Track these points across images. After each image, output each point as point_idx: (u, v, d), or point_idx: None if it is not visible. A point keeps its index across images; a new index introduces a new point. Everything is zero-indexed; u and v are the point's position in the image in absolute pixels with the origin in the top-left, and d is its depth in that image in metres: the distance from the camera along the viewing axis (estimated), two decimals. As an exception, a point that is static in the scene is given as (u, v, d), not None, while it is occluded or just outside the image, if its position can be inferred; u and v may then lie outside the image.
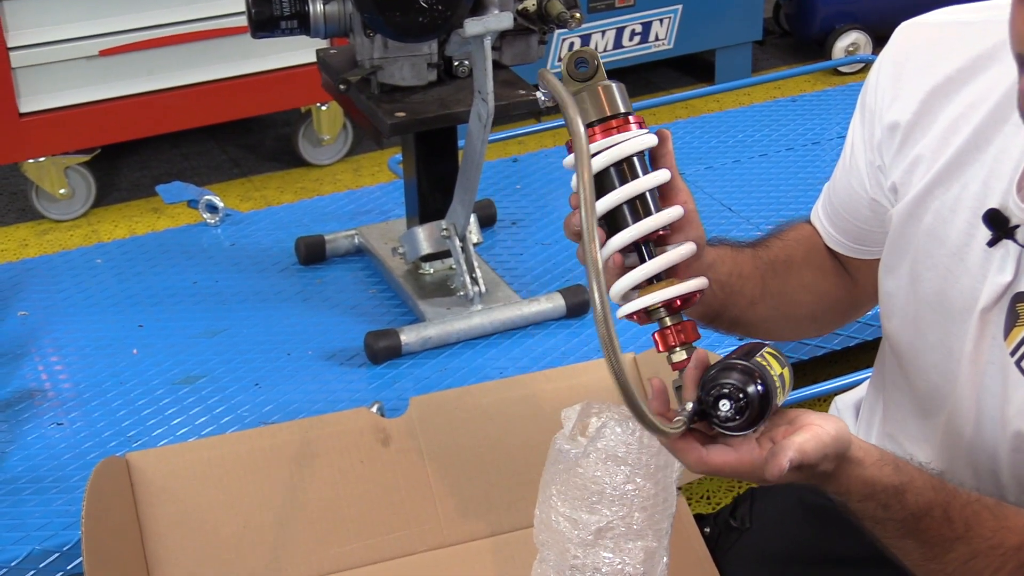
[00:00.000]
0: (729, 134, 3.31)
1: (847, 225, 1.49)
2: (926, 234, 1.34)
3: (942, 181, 1.32)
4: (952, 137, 1.30)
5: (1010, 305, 1.27)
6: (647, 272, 1.21)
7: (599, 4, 4.09)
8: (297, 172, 3.96)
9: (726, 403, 1.14)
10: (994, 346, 1.29)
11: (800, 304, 1.49)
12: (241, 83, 3.67)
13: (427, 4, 2.11)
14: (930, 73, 1.33)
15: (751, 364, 1.15)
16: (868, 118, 1.40)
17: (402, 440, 1.72)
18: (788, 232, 1.54)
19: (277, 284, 2.64)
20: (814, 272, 1.51)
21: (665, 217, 1.22)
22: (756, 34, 4.43)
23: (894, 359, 1.47)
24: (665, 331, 1.21)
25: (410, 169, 2.52)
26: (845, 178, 1.46)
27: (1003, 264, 1.26)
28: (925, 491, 1.21)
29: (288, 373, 2.35)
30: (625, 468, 1.35)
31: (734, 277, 1.41)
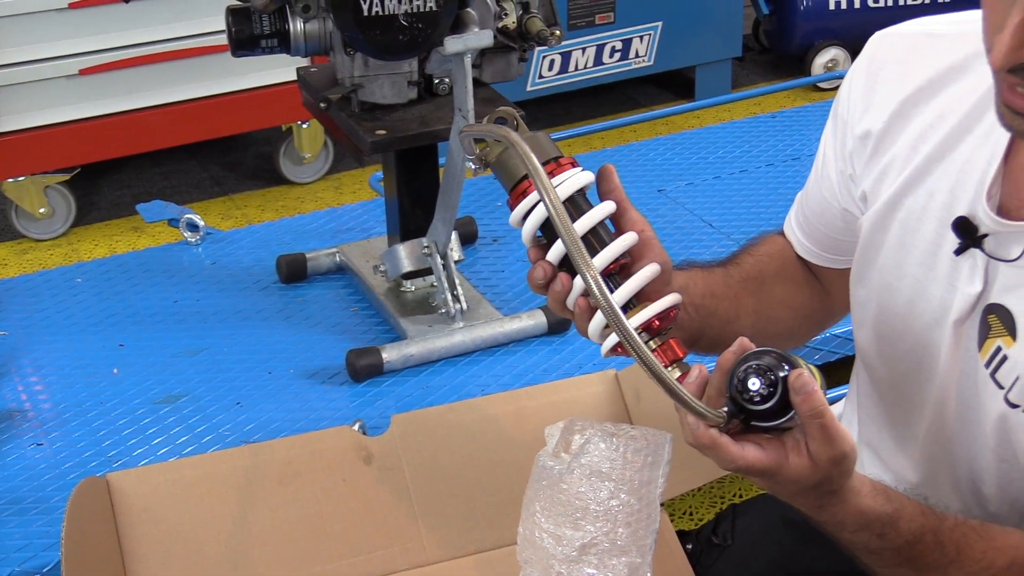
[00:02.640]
0: (709, 150, 3.32)
1: (819, 235, 1.49)
2: (894, 242, 1.35)
3: (909, 189, 1.33)
4: (921, 146, 1.32)
5: (982, 316, 1.28)
6: (617, 300, 1.20)
7: (579, 21, 4.10)
8: (278, 190, 3.96)
9: (756, 381, 1.13)
10: (968, 358, 1.30)
11: (776, 319, 1.49)
12: (221, 101, 3.67)
13: (407, 22, 2.11)
14: (902, 83, 1.34)
15: (775, 350, 1.15)
16: (840, 128, 1.41)
17: (384, 458, 1.72)
18: (758, 247, 1.54)
19: (258, 303, 2.63)
20: (787, 285, 1.52)
21: (620, 245, 1.21)
22: (736, 51, 4.45)
23: (865, 372, 1.48)
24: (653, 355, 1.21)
25: (391, 187, 2.52)
26: (817, 188, 1.47)
27: (972, 275, 1.27)
28: (916, 517, 1.21)
29: (269, 392, 2.34)
30: (609, 484, 1.34)
31: (707, 298, 1.42)
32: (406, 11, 2.11)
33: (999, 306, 1.26)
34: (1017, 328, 1.25)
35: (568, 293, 1.22)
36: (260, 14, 2.23)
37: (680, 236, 2.87)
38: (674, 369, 1.20)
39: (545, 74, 4.11)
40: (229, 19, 2.24)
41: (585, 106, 4.36)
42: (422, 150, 2.42)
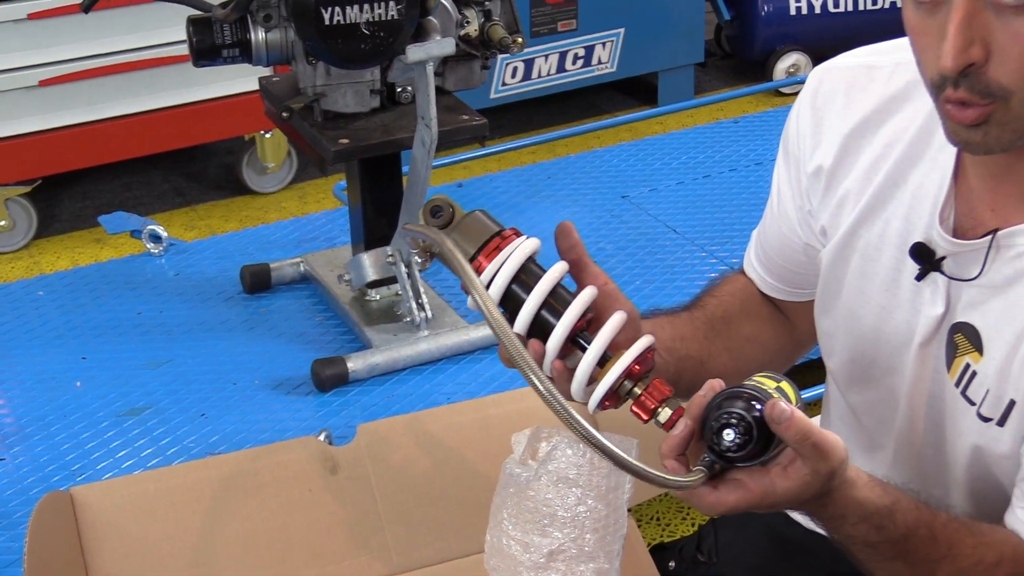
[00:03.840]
0: (673, 156, 3.33)
1: (781, 271, 1.50)
2: (856, 272, 1.37)
3: (866, 220, 1.34)
4: (873, 176, 1.33)
5: (948, 337, 1.29)
6: (591, 359, 1.20)
7: (542, 28, 4.11)
8: (242, 200, 3.94)
9: (730, 432, 1.13)
10: (937, 379, 1.32)
11: (747, 357, 1.50)
12: (184, 112, 3.65)
13: (369, 31, 2.11)
14: (847, 116, 1.36)
15: (745, 389, 1.15)
16: (793, 164, 1.42)
17: (350, 468, 1.71)
18: (720, 287, 1.55)
19: (222, 313, 2.62)
20: (753, 322, 1.52)
21: (581, 302, 1.21)
22: (698, 56, 4.46)
23: (839, 396, 1.49)
24: (639, 400, 1.20)
25: (355, 196, 2.52)
26: (775, 225, 1.48)
27: (934, 297, 1.29)
28: (911, 510, 1.22)
29: (234, 403, 2.33)
30: (576, 490, 1.34)
31: (677, 341, 1.42)
32: (368, 20, 2.11)
33: (964, 324, 1.28)
34: (983, 343, 1.26)
35: (541, 359, 1.22)
36: (221, 24, 2.22)
37: (644, 242, 2.88)
38: (664, 408, 1.20)
39: (508, 81, 4.12)
40: (190, 29, 2.23)
41: (548, 113, 4.36)
42: (385, 159, 2.42)
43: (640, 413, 1.20)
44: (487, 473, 1.46)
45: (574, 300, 1.21)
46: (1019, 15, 1.07)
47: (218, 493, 1.66)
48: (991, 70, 1.10)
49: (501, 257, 1.21)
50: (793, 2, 4.51)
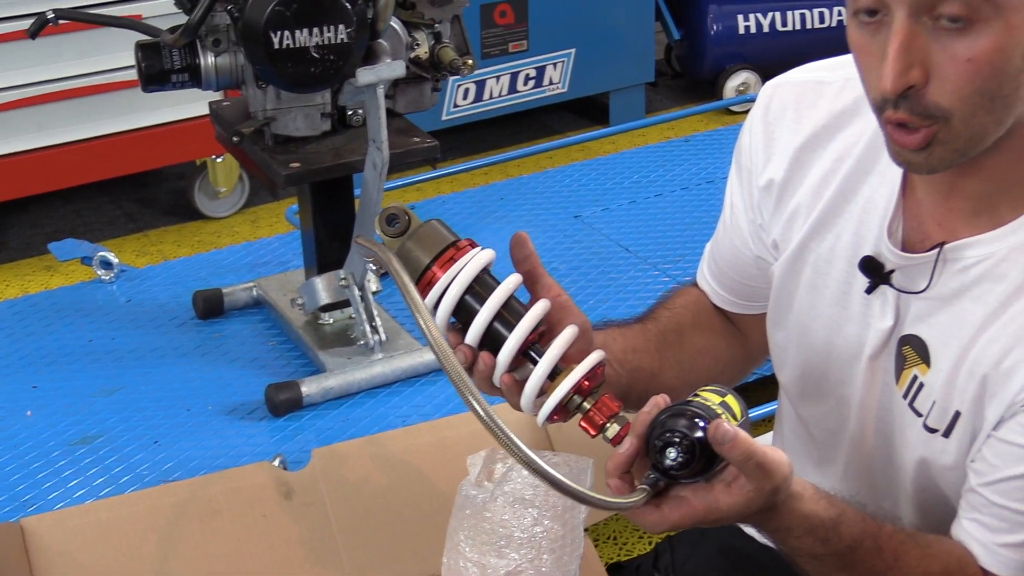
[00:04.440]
0: (625, 175, 3.34)
1: (734, 284, 1.51)
2: (807, 286, 1.38)
3: (816, 234, 1.36)
4: (823, 190, 1.35)
5: (897, 349, 1.30)
6: (542, 373, 1.21)
7: (493, 50, 4.11)
8: (194, 225, 3.92)
9: (672, 451, 1.13)
10: (886, 391, 1.33)
11: (699, 369, 1.50)
12: (134, 137, 3.63)
13: (319, 55, 2.11)
14: (797, 130, 1.37)
15: (689, 406, 1.15)
16: (745, 178, 1.44)
17: (305, 493, 1.70)
18: (673, 300, 1.55)
19: (175, 339, 2.60)
20: (705, 335, 1.53)
21: (533, 316, 1.21)
22: (649, 76, 4.48)
23: (791, 409, 1.50)
24: (588, 415, 1.21)
25: (307, 219, 2.51)
26: (728, 238, 1.49)
27: (883, 310, 1.30)
28: (856, 522, 1.23)
29: (188, 429, 2.31)
30: (533, 511, 1.35)
31: (629, 353, 1.42)
32: (317, 43, 2.11)
33: (912, 336, 1.29)
34: (931, 355, 1.28)
35: (492, 371, 1.22)
36: (170, 49, 2.21)
37: (597, 261, 2.89)
38: (612, 424, 1.20)
39: (460, 103, 4.12)
40: (139, 54, 2.22)
41: (500, 134, 4.37)
42: (337, 182, 2.41)
43: (588, 428, 1.21)
44: (443, 495, 1.46)
45: (527, 314, 1.21)
46: (957, 38, 1.09)
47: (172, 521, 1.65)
48: (931, 92, 1.12)
49: (455, 268, 1.21)
50: (742, 21, 4.54)
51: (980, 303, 1.23)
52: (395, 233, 1.23)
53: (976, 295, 1.23)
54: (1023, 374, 1.20)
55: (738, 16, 4.53)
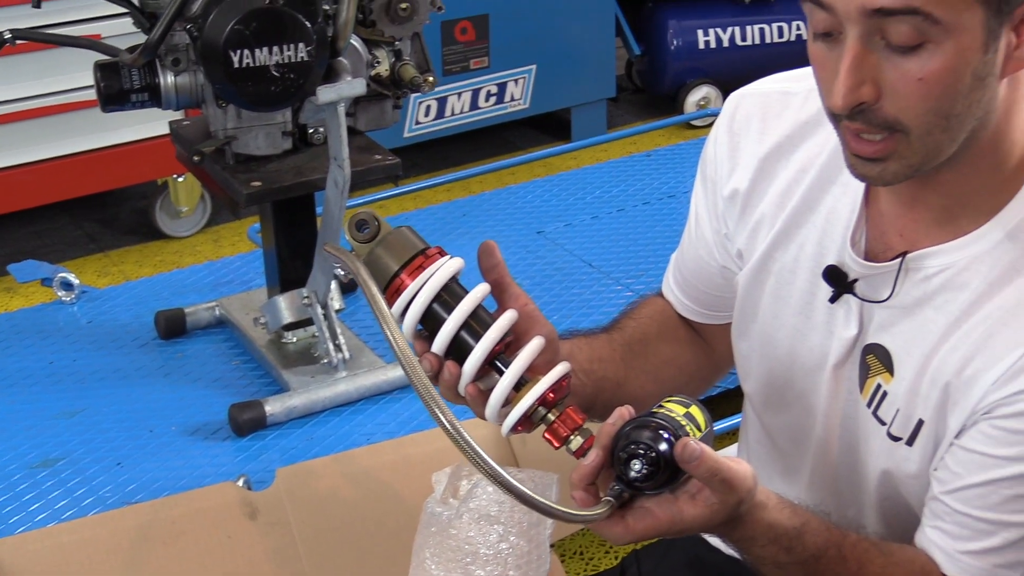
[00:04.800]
0: (587, 190, 3.35)
1: (699, 294, 1.52)
2: (771, 295, 1.39)
3: (780, 243, 1.37)
4: (787, 200, 1.36)
5: (861, 358, 1.31)
6: (507, 384, 1.21)
7: (454, 67, 4.12)
8: (156, 245, 3.90)
9: (636, 463, 1.14)
10: (850, 400, 1.34)
11: (665, 379, 1.51)
12: (94, 157, 3.61)
13: (279, 73, 2.11)
14: (762, 141, 1.38)
15: (653, 418, 1.16)
16: (710, 188, 1.45)
17: (270, 513, 1.70)
18: (639, 310, 1.56)
19: (137, 360, 2.59)
20: (671, 344, 1.54)
21: (500, 327, 1.22)
22: (610, 91, 4.50)
23: (755, 418, 1.50)
24: (552, 427, 1.21)
25: (269, 238, 2.50)
26: (693, 248, 1.50)
27: (847, 319, 1.32)
28: (820, 531, 1.24)
29: (151, 450, 2.30)
30: (498, 527, 1.34)
31: (595, 363, 1.43)
32: (277, 62, 2.10)
33: (876, 345, 1.30)
34: (894, 364, 1.29)
35: (458, 380, 1.22)
36: (129, 69, 2.21)
37: (560, 277, 2.89)
38: (576, 436, 1.21)
39: (421, 120, 4.12)
40: (98, 74, 2.21)
41: (463, 150, 4.37)
42: (299, 200, 2.41)
43: (551, 440, 1.21)
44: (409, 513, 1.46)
45: (494, 323, 1.21)
46: (907, 56, 1.11)
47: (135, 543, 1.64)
48: (885, 107, 1.14)
49: (424, 276, 1.21)
50: (702, 36, 4.56)
51: (942, 312, 1.24)
52: (364, 239, 1.23)
53: (938, 304, 1.25)
54: (984, 382, 1.21)
55: (698, 31, 4.56)
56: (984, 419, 1.21)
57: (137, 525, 1.66)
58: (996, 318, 1.21)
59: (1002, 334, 1.20)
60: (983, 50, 1.11)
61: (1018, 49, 1.14)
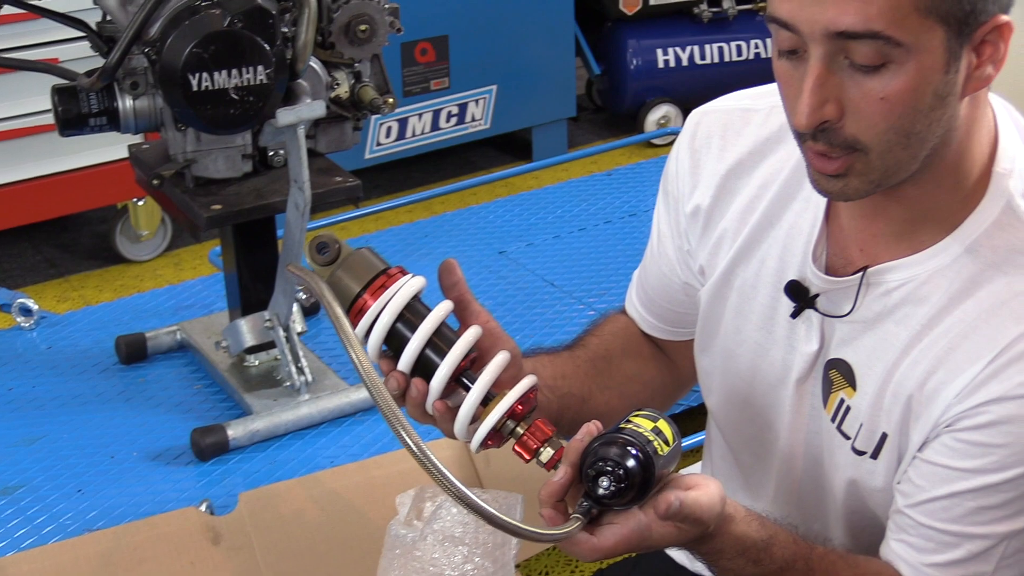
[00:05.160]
0: (548, 210, 3.36)
1: (662, 310, 1.52)
2: (733, 311, 1.39)
3: (742, 259, 1.38)
4: (748, 216, 1.37)
5: (823, 373, 1.32)
6: (475, 398, 1.21)
7: (415, 88, 4.12)
8: (116, 269, 3.87)
9: (605, 480, 1.14)
10: (814, 415, 1.35)
11: (629, 394, 1.51)
12: (53, 181, 3.59)
13: (238, 96, 2.10)
14: (723, 157, 1.39)
15: (621, 434, 1.16)
16: (672, 205, 1.45)
17: (233, 537, 1.69)
18: (602, 327, 1.57)
19: (98, 386, 2.57)
20: (635, 361, 1.54)
21: (465, 342, 1.22)
22: (570, 111, 4.51)
23: (719, 435, 1.51)
24: (522, 440, 1.21)
25: (230, 261, 2.49)
26: (656, 265, 1.50)
27: (808, 334, 1.32)
28: (788, 544, 1.25)
29: (112, 477, 2.28)
30: (463, 548, 1.34)
31: (559, 379, 1.43)
32: (236, 85, 2.10)
33: (838, 360, 1.31)
34: (856, 378, 1.30)
35: (425, 398, 1.22)
36: (87, 92, 2.19)
37: (523, 297, 2.89)
38: (546, 448, 1.21)
39: (383, 141, 4.12)
40: (55, 98, 2.20)
41: (424, 171, 4.37)
42: (260, 223, 2.40)
43: (522, 452, 1.21)
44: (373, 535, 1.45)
45: (458, 340, 1.21)
46: (870, 75, 1.12)
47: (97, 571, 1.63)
48: (847, 126, 1.15)
49: (386, 295, 1.21)
50: (661, 55, 4.59)
51: (903, 326, 1.25)
52: (325, 261, 1.23)
53: (899, 318, 1.26)
54: (946, 396, 1.22)
55: (657, 50, 4.58)
56: (947, 432, 1.22)
57: (99, 552, 1.65)
58: (957, 331, 1.22)
59: (963, 347, 1.21)
60: (944, 70, 1.12)
61: (978, 69, 1.15)
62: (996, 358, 1.19)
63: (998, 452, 1.19)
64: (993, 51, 1.15)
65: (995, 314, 1.20)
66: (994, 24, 1.13)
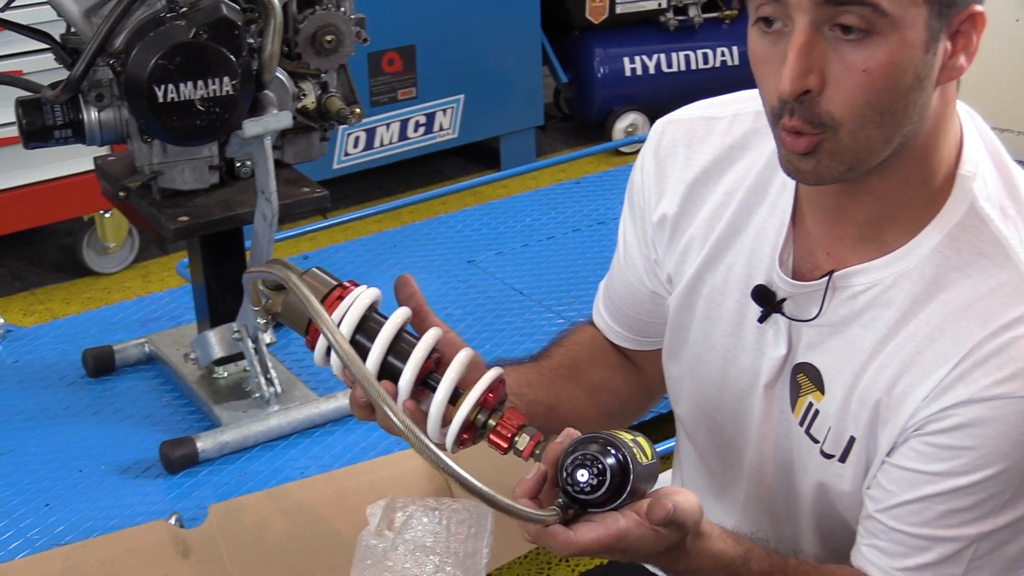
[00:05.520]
0: (517, 219, 3.36)
1: (630, 320, 1.53)
2: (702, 317, 1.40)
3: (709, 266, 1.38)
4: (715, 223, 1.37)
5: (791, 377, 1.33)
6: (443, 396, 1.21)
7: (382, 98, 4.12)
8: (83, 282, 3.85)
9: (584, 472, 1.14)
10: (783, 419, 1.35)
11: (597, 403, 1.51)
12: (19, 194, 3.56)
13: (204, 107, 2.10)
14: (689, 166, 1.40)
15: (601, 435, 1.16)
16: (638, 215, 1.46)
17: (203, 550, 1.68)
18: (568, 338, 1.57)
19: (65, 399, 2.56)
20: (602, 370, 1.54)
21: (428, 342, 1.22)
22: (538, 119, 4.52)
23: (688, 442, 1.51)
24: (496, 431, 1.21)
25: (198, 273, 2.48)
26: (623, 275, 1.50)
27: (776, 339, 1.33)
28: (764, 557, 1.25)
29: (81, 491, 2.27)
30: (434, 558, 1.34)
31: (524, 387, 1.43)
32: (202, 96, 2.09)
33: (806, 364, 1.32)
34: (824, 382, 1.30)
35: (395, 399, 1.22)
36: (52, 105, 2.18)
37: (492, 306, 2.89)
38: (522, 435, 1.21)
39: (351, 151, 4.11)
40: (19, 111, 2.19)
41: (393, 181, 4.37)
42: (227, 234, 2.39)
43: (498, 442, 1.20)
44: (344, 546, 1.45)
45: (420, 341, 1.21)
46: (854, 48, 1.13)
47: (66, 585, 1.62)
48: (824, 101, 1.15)
49: (343, 307, 1.21)
50: (628, 63, 4.60)
51: (870, 329, 1.26)
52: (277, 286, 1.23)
53: (865, 322, 1.26)
54: (914, 400, 1.22)
55: (624, 59, 4.59)
56: (915, 436, 1.23)
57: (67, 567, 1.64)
58: (923, 335, 1.22)
59: (929, 351, 1.22)
60: (924, 49, 1.13)
61: (952, 58, 1.16)
62: (962, 361, 1.20)
63: (967, 455, 1.20)
64: (966, 42, 1.16)
65: (960, 317, 1.21)
66: (969, 12, 1.15)
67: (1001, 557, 1.24)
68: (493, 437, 1.21)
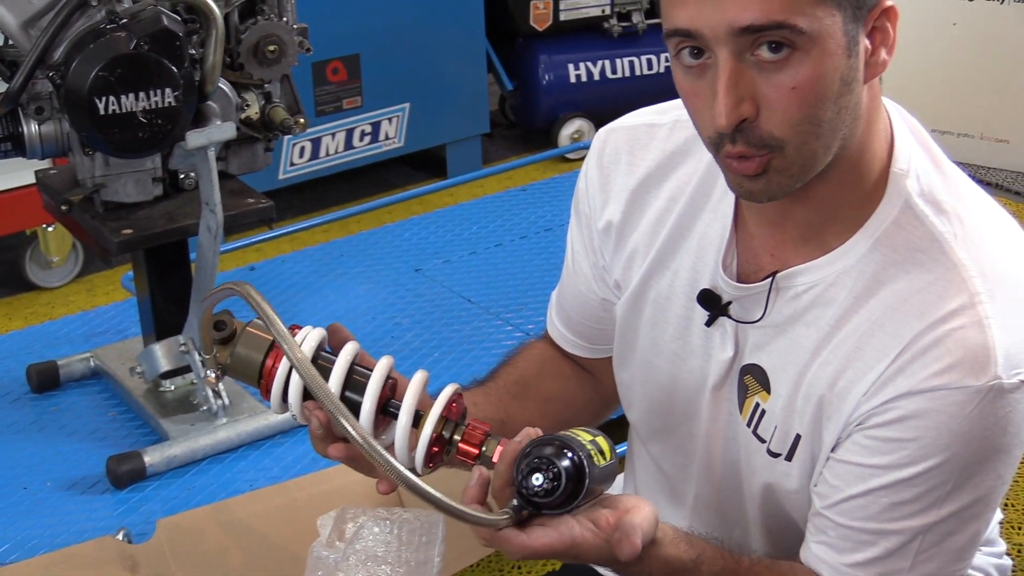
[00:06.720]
0: (464, 227, 3.36)
1: (582, 327, 1.54)
2: (649, 323, 1.41)
3: (655, 271, 1.39)
4: (659, 229, 1.39)
5: (739, 379, 1.34)
6: (406, 421, 1.21)
7: (327, 107, 4.11)
8: (26, 297, 3.82)
9: (539, 476, 1.14)
10: (731, 421, 1.36)
11: (551, 414, 1.52)
12: (-42, 209, 3.53)
13: (146, 119, 2.08)
14: (632, 173, 1.41)
15: (558, 437, 1.16)
16: (585, 223, 1.47)
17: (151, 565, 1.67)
18: (516, 356, 1.58)
19: (9, 416, 2.53)
20: (554, 382, 1.55)
21: (381, 371, 1.22)
22: (484, 127, 4.53)
23: (641, 447, 1.52)
24: (463, 442, 1.21)
25: (143, 286, 2.47)
26: (572, 283, 1.52)
27: (723, 341, 1.34)
28: (716, 560, 1.26)
29: (25, 508, 2.24)
30: (386, 567, 1.34)
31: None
32: (144, 108, 2.08)
33: (752, 366, 1.33)
34: (770, 382, 1.32)
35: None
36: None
37: (440, 314, 2.89)
38: (490, 443, 1.21)
39: (296, 161, 4.10)
40: (-43, 124, 2.16)
41: (339, 190, 4.36)
42: (172, 246, 2.38)
43: (468, 452, 1.21)
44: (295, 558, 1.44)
45: (374, 371, 1.21)
46: (780, 69, 1.14)
47: (12, 605, 1.60)
48: (762, 123, 1.16)
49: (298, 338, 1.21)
50: (573, 70, 4.62)
51: (812, 328, 1.27)
52: (223, 337, 1.24)
53: (808, 320, 1.28)
54: (856, 394, 1.24)
55: (569, 65, 4.61)
56: (857, 430, 1.24)
57: (13, 586, 1.62)
58: (864, 330, 1.24)
59: (869, 345, 1.23)
60: (847, 54, 1.15)
61: (873, 55, 1.19)
62: (901, 354, 1.21)
63: (909, 446, 1.21)
64: (884, 36, 1.19)
65: (898, 311, 1.23)
66: (881, 8, 1.17)
67: (947, 549, 1.26)
68: (462, 446, 1.21)
